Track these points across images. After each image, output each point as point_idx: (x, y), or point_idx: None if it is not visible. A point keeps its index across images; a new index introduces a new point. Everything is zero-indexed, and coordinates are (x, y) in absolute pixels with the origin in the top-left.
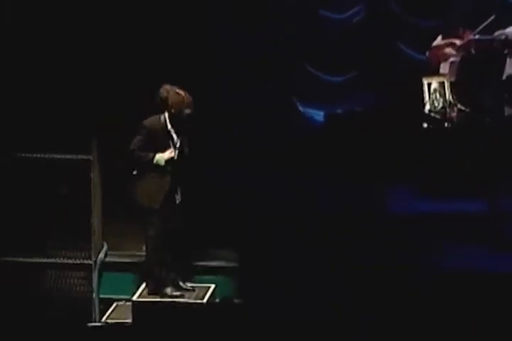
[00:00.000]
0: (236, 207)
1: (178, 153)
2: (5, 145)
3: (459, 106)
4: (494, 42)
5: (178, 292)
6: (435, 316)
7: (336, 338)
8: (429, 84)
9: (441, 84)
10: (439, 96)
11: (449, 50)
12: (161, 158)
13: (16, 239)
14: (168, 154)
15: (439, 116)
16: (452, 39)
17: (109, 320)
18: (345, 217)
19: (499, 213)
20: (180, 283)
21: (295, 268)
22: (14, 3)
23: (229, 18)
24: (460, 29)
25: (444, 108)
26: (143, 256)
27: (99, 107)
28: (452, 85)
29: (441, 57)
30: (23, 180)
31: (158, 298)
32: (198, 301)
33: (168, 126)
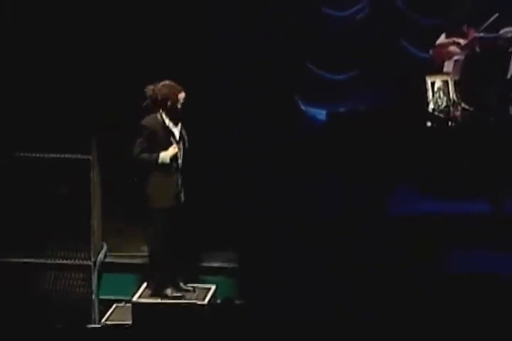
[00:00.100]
0: (236, 207)
1: (180, 148)
2: (4, 145)
3: (462, 105)
4: (499, 41)
5: (178, 293)
6: (436, 316)
7: (337, 338)
8: (432, 83)
9: (445, 82)
10: (442, 95)
11: (453, 48)
12: (166, 155)
13: (15, 239)
14: (172, 150)
15: (442, 115)
16: (456, 37)
17: (108, 322)
18: (346, 217)
19: (504, 214)
20: (180, 284)
21: (295, 268)
22: (14, 3)
23: (229, 18)
24: (464, 27)
25: (447, 107)
26: (143, 256)
27: (99, 107)
28: (456, 84)
29: (445, 56)
30: (21, 179)
31: (158, 299)
32: (199, 302)
33: (167, 122)
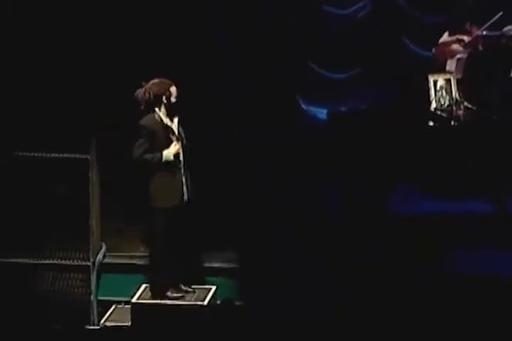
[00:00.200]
0: (236, 207)
1: (181, 144)
2: (2, 144)
3: (465, 104)
4: (502, 39)
5: (178, 294)
6: (438, 316)
7: (337, 338)
8: (435, 82)
9: (448, 81)
10: (445, 93)
11: (456, 46)
12: (169, 153)
13: (12, 239)
14: (174, 148)
15: (445, 114)
16: (459, 35)
17: (107, 323)
18: (347, 216)
19: (506, 213)
20: (180, 285)
21: (296, 268)
22: (14, 3)
23: (229, 18)
24: (467, 25)
25: (450, 106)
26: (142, 257)
27: (98, 106)
28: (459, 82)
29: (448, 54)
30: (19, 179)
31: (158, 300)
32: (199, 303)
33: (164, 120)
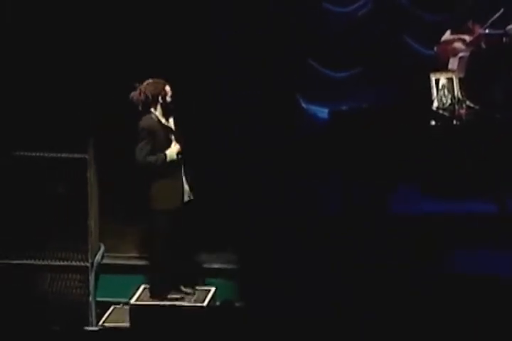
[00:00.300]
0: (236, 207)
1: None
2: (0, 144)
3: (468, 103)
4: (505, 37)
5: (178, 295)
6: (438, 316)
7: (337, 338)
8: (437, 81)
9: (450, 80)
10: (447, 92)
11: (458, 45)
12: (172, 153)
13: (10, 240)
14: (175, 147)
15: (447, 113)
16: (461, 34)
17: (106, 324)
18: (347, 216)
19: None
20: (180, 286)
21: (296, 268)
22: (14, 3)
23: (229, 18)
24: (470, 23)
25: (452, 105)
26: (141, 257)
27: (97, 106)
28: (461, 81)
29: (450, 53)
30: (17, 178)
31: (156, 301)
32: (199, 304)
33: (162, 120)
